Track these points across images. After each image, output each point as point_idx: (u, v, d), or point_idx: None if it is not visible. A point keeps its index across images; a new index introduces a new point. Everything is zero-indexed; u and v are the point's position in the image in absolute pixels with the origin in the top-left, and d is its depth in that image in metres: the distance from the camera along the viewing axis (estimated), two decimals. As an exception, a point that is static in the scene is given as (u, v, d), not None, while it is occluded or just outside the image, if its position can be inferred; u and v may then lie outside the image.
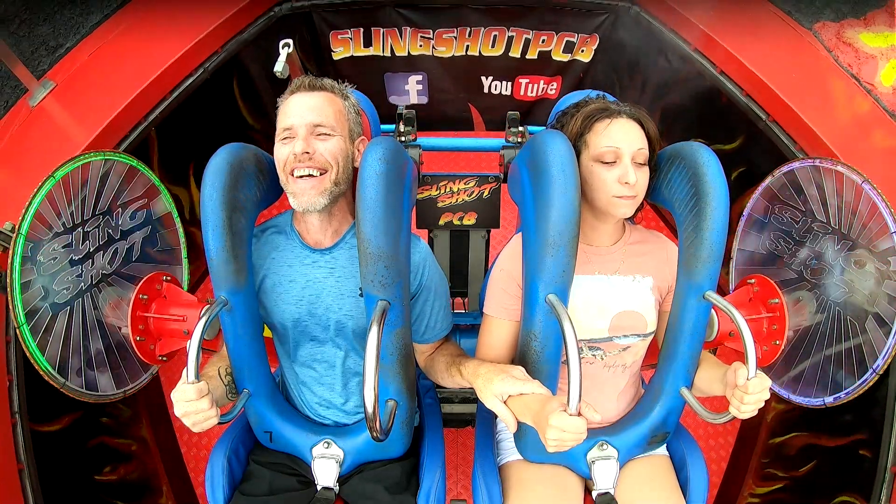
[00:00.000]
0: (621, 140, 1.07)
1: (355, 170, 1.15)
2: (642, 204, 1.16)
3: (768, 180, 1.50)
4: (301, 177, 1.07)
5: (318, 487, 1.20)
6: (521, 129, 1.62)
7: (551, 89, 2.91)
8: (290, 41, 1.49)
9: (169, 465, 2.12)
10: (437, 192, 1.67)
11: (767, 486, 1.94)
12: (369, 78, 2.82)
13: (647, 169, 1.11)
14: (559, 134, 1.06)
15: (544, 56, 2.72)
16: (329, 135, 1.09)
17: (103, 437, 1.77)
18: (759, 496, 1.96)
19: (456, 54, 2.72)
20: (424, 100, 2.97)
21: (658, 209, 2.77)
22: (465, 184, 1.67)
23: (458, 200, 1.69)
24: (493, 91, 2.92)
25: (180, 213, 1.55)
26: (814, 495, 1.70)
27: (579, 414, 0.86)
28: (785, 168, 1.44)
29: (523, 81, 2.87)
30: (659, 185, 1.16)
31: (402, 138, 1.64)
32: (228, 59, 2.10)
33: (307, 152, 1.06)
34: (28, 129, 1.64)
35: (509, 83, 2.89)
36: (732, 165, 2.12)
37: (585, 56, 2.70)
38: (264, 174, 1.15)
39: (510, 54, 2.71)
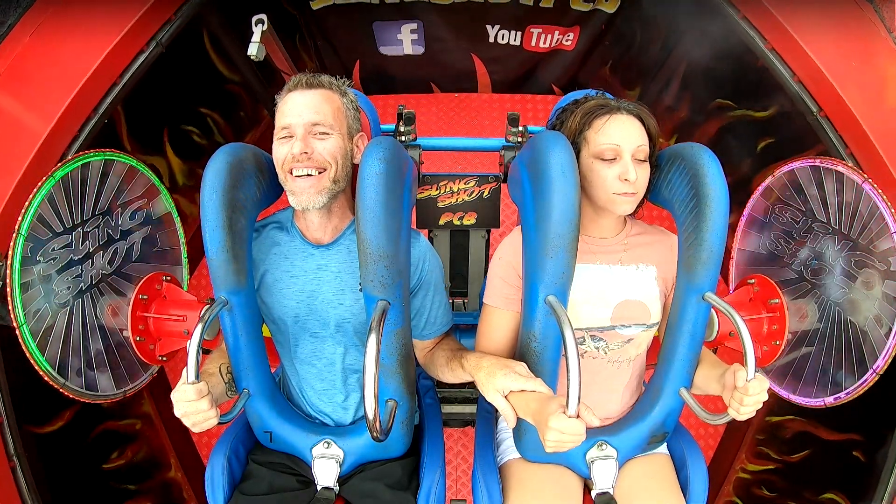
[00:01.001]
0: (621, 137, 1.07)
1: (355, 166, 1.15)
2: (643, 200, 1.16)
3: (769, 180, 1.49)
4: (300, 176, 1.07)
5: (318, 487, 1.20)
6: (521, 128, 1.62)
7: (567, 40, 2.58)
8: (265, 17, 1.38)
9: (175, 437, 2.12)
10: (437, 191, 1.67)
11: (760, 464, 1.94)
12: (356, 29, 2.52)
13: (647, 165, 1.10)
14: (559, 135, 1.06)
15: (562, 3, 2.39)
16: (327, 133, 1.09)
17: (106, 423, 1.76)
18: (751, 473, 1.96)
19: (456, 0, 2.39)
20: (420, 50, 2.65)
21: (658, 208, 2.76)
22: (465, 184, 1.67)
23: (458, 200, 1.69)
24: (499, 41, 2.60)
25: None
26: (803, 485, 1.70)
27: (578, 416, 0.86)
28: (785, 168, 1.44)
29: (535, 31, 2.54)
30: (659, 185, 1.16)
31: (402, 138, 1.64)
32: (188, 23, 1.88)
33: (305, 152, 1.06)
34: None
35: (519, 33, 2.55)
36: (760, 135, 1.98)
37: (610, 6, 2.38)
38: (264, 174, 1.15)
39: (521, 1, 2.38)
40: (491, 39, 2.60)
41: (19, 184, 1.38)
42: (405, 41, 2.62)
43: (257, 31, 1.37)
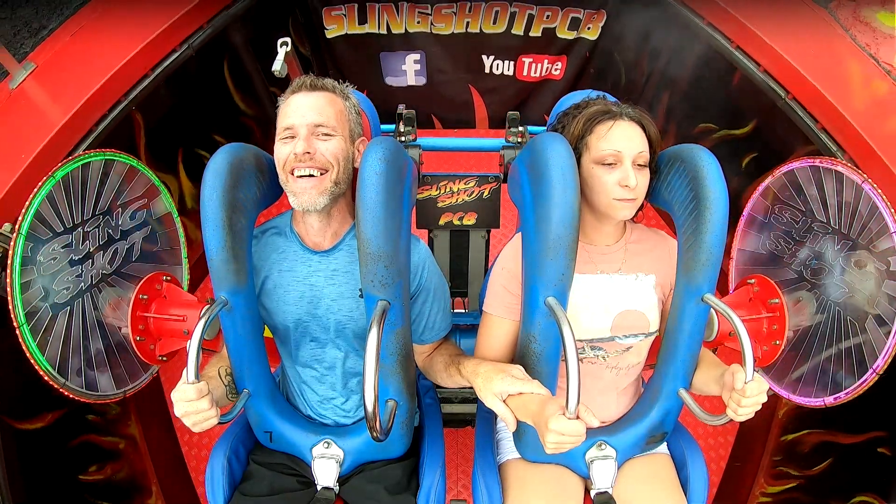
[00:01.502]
0: (622, 143, 1.07)
1: (355, 170, 1.15)
2: (643, 204, 1.16)
3: (768, 180, 1.49)
4: (301, 176, 1.07)
5: (318, 487, 1.20)
6: (521, 129, 1.62)
7: (556, 69, 2.77)
8: (288, 40, 1.47)
9: (164, 464, 2.08)
10: (437, 192, 1.67)
11: (780, 484, 1.89)
12: (365, 58, 2.69)
13: (647, 171, 1.11)
14: (559, 137, 1.06)
15: (549, 33, 2.60)
16: (330, 135, 1.09)
17: (89, 436, 1.73)
18: (771, 495, 1.91)
19: (455, 31, 2.59)
20: (423, 80, 2.83)
21: (658, 208, 2.77)
22: (465, 184, 1.67)
23: (458, 200, 1.69)
24: (494, 71, 2.79)
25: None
26: (829, 495, 1.66)
27: (577, 417, 0.86)
28: (785, 168, 1.44)
29: (526, 61, 2.74)
30: (658, 187, 1.16)
31: (402, 138, 1.64)
32: (215, 36, 1.99)
33: (308, 152, 1.06)
34: (5, 111, 1.60)
35: (511, 62, 2.76)
36: (744, 152, 2.06)
37: (592, 34, 2.58)
38: (264, 174, 1.15)
39: (513, 31, 2.59)
40: (486, 70, 2.79)
41: (23, 175, 1.41)
42: (409, 71, 2.78)
43: (281, 52, 1.47)
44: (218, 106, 2.34)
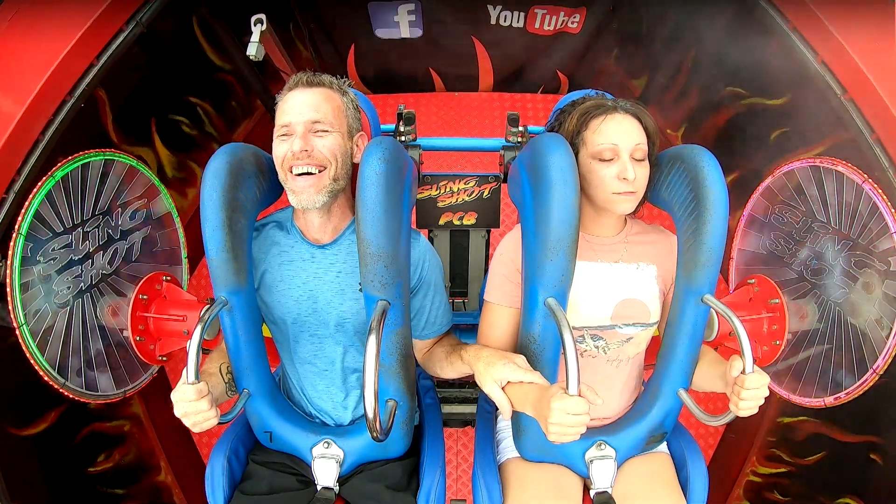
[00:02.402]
0: (618, 136, 1.07)
1: (354, 166, 1.15)
2: (644, 199, 1.16)
3: (768, 180, 1.50)
4: (300, 174, 1.07)
5: (318, 487, 1.20)
6: (521, 128, 1.62)
7: (573, 22, 2.43)
8: (263, 17, 1.36)
9: (171, 436, 2.05)
10: (437, 191, 1.67)
11: (772, 467, 1.89)
12: (350, 9, 2.38)
13: (646, 164, 1.10)
14: (559, 138, 1.06)
15: None
16: (327, 131, 1.09)
17: (93, 425, 1.71)
18: (762, 476, 1.91)
19: None
20: (418, 32, 2.52)
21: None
22: (465, 184, 1.67)
23: (458, 200, 1.69)
24: (501, 23, 2.45)
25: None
26: (817, 489, 1.66)
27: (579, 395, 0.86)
28: (785, 168, 1.44)
29: (539, 12, 2.40)
30: (659, 187, 1.16)
31: (402, 138, 1.64)
32: (176, 4, 1.77)
33: (305, 149, 1.06)
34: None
35: (522, 13, 2.41)
36: (774, 125, 1.87)
37: None
38: (264, 174, 1.15)
39: None
40: (493, 21, 2.45)
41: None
42: (402, 23, 2.46)
43: (256, 31, 1.37)
44: (190, 66, 2.15)
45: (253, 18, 1.38)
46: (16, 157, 1.23)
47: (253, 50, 1.36)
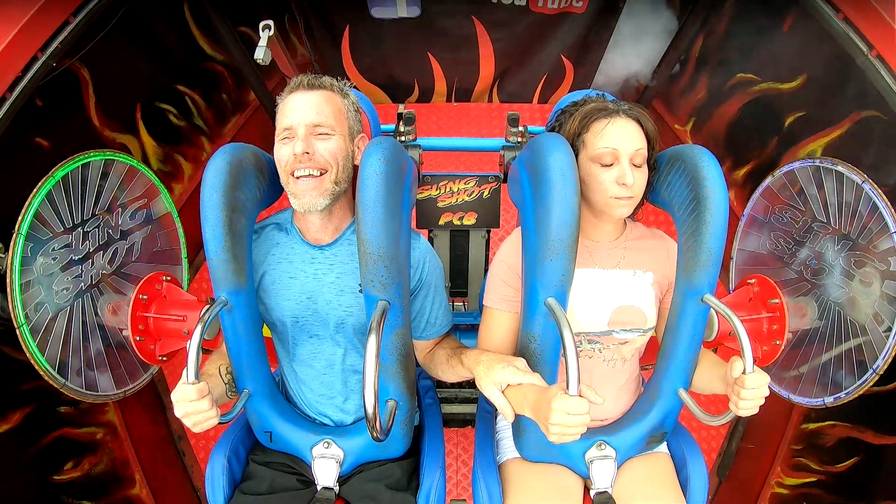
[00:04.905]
0: (619, 141, 1.07)
1: (355, 167, 1.15)
2: (642, 202, 1.16)
3: (768, 180, 1.50)
4: (302, 177, 1.07)
5: (318, 487, 1.20)
6: (521, 129, 1.62)
7: (577, 2, 2.34)
8: (271, 23, 1.36)
9: (149, 447, 1.95)
10: (437, 192, 1.67)
11: (799, 477, 1.80)
12: None
13: (645, 169, 1.11)
14: (560, 138, 1.06)
15: None
16: (329, 134, 1.09)
17: (63, 430, 1.63)
18: (788, 487, 1.83)
19: None
20: (416, 11, 2.44)
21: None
22: (465, 184, 1.67)
23: (458, 200, 1.69)
24: (503, 1, 2.38)
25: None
26: (852, 497, 1.58)
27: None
28: (785, 168, 1.44)
29: None
30: (658, 187, 1.16)
31: (402, 138, 1.64)
32: None
33: (307, 152, 1.06)
34: None
35: None
36: (788, 109, 1.82)
37: None
38: (264, 174, 1.15)
39: None
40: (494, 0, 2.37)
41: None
42: (399, 1, 2.37)
43: (264, 37, 1.37)
44: (178, 52, 2.08)
45: (261, 24, 1.38)
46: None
47: (261, 54, 1.36)
